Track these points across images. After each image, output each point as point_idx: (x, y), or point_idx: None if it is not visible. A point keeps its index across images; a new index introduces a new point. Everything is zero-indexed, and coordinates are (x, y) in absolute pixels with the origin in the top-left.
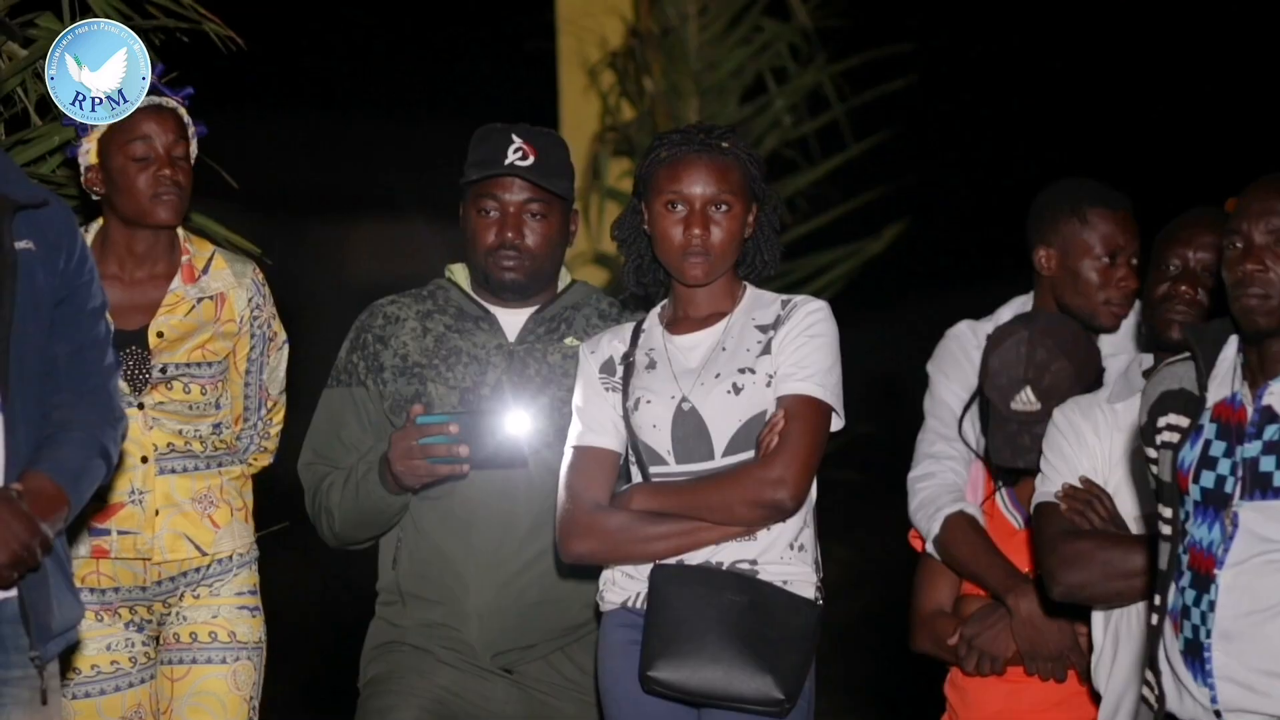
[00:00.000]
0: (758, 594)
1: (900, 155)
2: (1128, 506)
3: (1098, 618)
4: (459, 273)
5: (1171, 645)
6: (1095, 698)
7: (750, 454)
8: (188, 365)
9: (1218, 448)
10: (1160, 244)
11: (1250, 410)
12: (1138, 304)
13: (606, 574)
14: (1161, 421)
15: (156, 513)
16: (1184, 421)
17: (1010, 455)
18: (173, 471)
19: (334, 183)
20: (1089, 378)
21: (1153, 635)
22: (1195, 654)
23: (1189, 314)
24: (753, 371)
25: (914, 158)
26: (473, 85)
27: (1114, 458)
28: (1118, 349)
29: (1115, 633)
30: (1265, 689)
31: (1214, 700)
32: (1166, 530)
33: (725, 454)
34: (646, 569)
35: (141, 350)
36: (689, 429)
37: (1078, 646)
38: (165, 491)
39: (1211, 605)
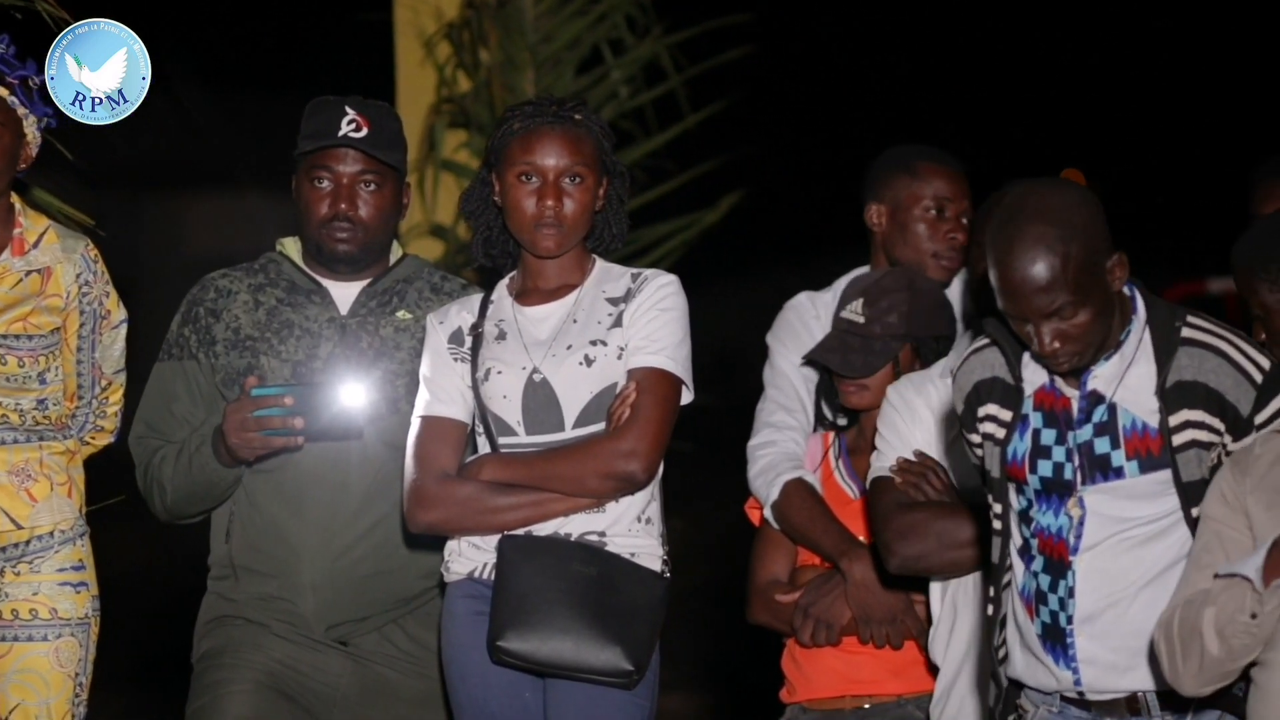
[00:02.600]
0: (606, 566)
1: (737, 126)
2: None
3: (935, 589)
4: (290, 246)
5: (1027, 627)
6: (933, 669)
7: (600, 426)
8: (3, 337)
9: (1048, 435)
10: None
11: (1075, 397)
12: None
13: (452, 544)
14: (981, 411)
15: None
16: (1006, 414)
17: (819, 351)
18: None
19: (170, 156)
20: (918, 327)
21: (989, 626)
22: (1056, 639)
23: None
24: (604, 344)
25: (751, 129)
26: (308, 57)
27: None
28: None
29: (953, 603)
30: (1128, 665)
31: (1078, 683)
32: (997, 525)
33: (576, 425)
34: (494, 540)
35: None
36: (540, 400)
37: (912, 611)
38: None
39: (1070, 591)
